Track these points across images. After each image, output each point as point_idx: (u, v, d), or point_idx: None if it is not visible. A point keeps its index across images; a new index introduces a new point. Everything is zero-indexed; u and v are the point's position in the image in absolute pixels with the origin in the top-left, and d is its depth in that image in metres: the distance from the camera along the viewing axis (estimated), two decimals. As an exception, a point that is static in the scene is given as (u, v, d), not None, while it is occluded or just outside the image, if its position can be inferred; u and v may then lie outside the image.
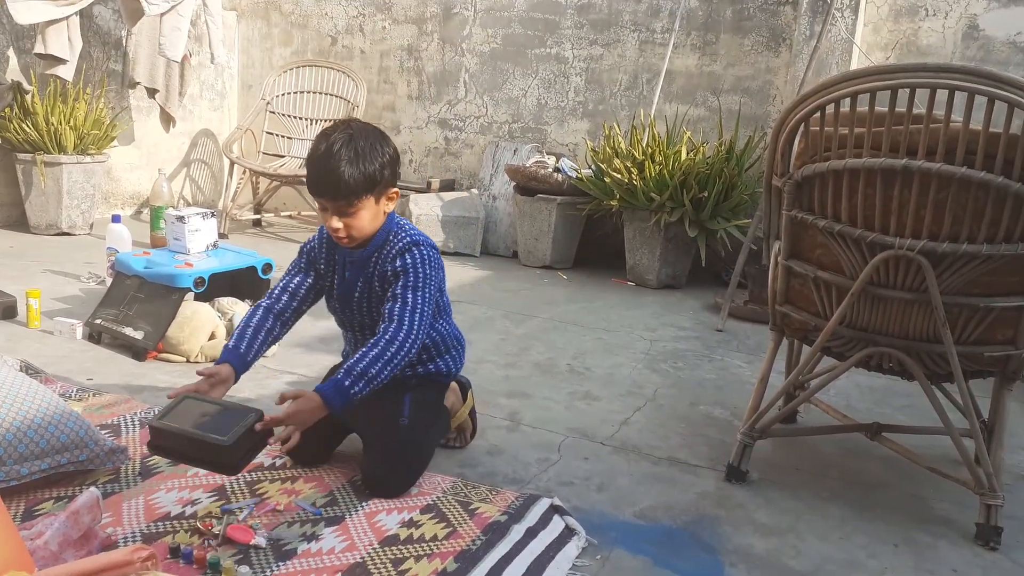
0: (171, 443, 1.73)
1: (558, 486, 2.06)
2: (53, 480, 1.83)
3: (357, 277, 1.99)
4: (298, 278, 2.06)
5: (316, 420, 1.82)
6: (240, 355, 1.94)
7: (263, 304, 2.04)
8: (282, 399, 1.83)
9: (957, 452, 1.97)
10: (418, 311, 1.89)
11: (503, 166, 5.07)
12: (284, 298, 2.04)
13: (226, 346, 1.97)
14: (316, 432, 2.06)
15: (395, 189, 1.95)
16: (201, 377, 1.88)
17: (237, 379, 1.93)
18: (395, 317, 1.88)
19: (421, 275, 1.92)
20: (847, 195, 1.87)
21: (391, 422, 1.98)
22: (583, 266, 4.90)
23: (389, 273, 1.94)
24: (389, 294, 1.93)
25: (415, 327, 1.88)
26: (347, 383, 1.81)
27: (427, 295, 1.92)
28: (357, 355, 1.86)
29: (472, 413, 2.25)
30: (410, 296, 1.90)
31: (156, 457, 2.00)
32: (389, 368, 1.84)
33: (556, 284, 4.47)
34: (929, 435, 2.41)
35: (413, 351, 1.88)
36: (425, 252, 1.95)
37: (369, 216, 1.91)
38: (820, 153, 1.90)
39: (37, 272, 3.83)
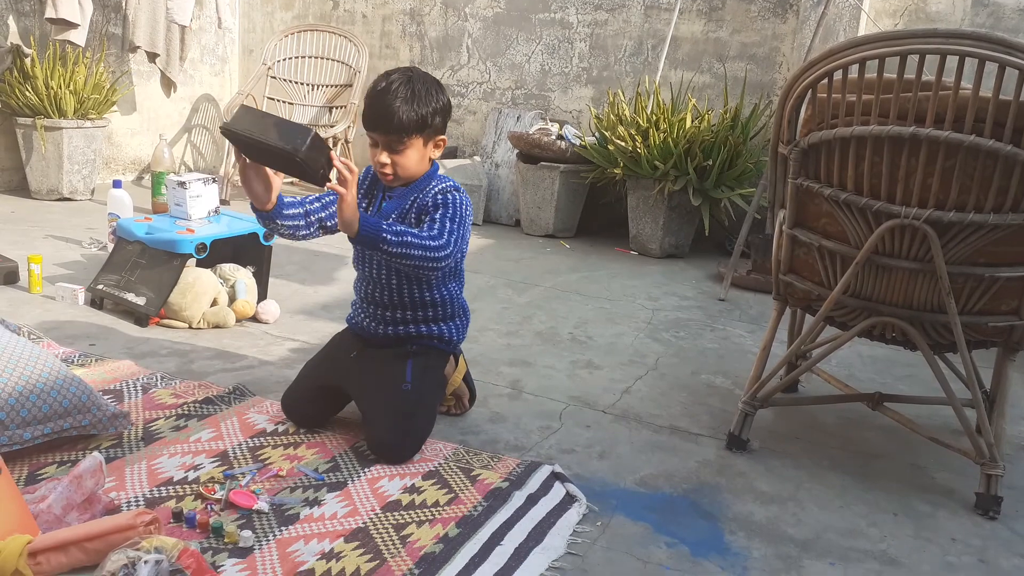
0: (250, 126, 1.74)
1: (559, 454, 2.06)
2: (56, 444, 1.84)
3: (393, 208, 2.02)
4: (319, 203, 2.03)
5: (342, 220, 1.80)
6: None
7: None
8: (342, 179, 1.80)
9: (958, 422, 1.97)
10: (454, 236, 1.92)
11: (506, 133, 5.03)
12: (298, 209, 2.00)
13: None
14: (318, 396, 2.08)
15: (443, 137, 2.01)
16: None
17: (273, 204, 1.91)
18: (435, 229, 1.91)
19: (460, 214, 1.96)
20: (854, 163, 1.85)
21: (395, 387, 1.98)
22: (586, 235, 4.88)
23: (429, 204, 1.97)
24: (427, 219, 1.95)
25: (450, 246, 1.90)
26: (384, 224, 1.83)
27: (463, 231, 1.96)
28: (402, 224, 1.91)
29: (467, 379, 2.25)
30: (448, 223, 1.93)
31: (158, 422, 2.01)
32: (416, 252, 1.84)
33: (559, 253, 4.46)
34: (930, 405, 2.42)
35: (440, 264, 1.89)
36: (466, 199, 2.00)
37: (416, 157, 1.96)
38: (827, 120, 1.88)
39: (39, 237, 3.82)
